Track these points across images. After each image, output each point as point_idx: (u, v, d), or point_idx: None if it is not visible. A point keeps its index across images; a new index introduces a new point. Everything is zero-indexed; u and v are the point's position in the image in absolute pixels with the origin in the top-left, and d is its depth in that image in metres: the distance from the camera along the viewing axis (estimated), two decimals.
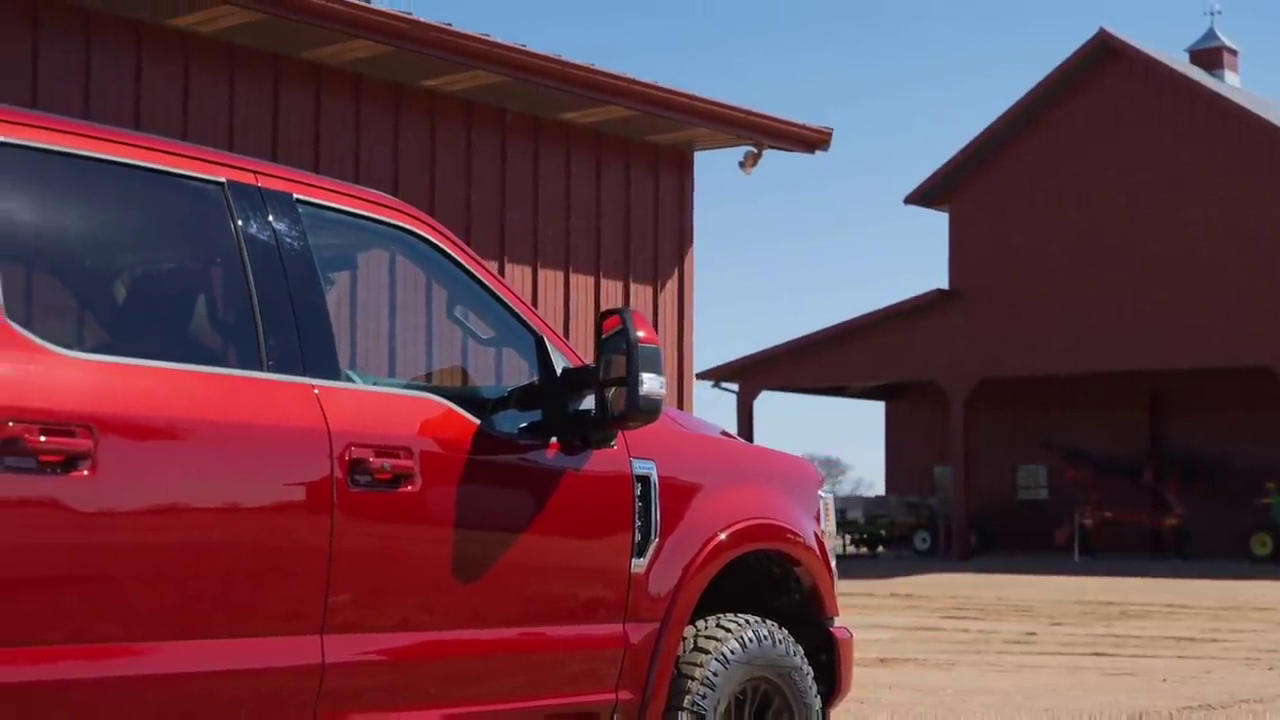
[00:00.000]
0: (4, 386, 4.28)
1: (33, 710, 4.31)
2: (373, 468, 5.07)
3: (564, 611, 5.79)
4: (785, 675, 6.60)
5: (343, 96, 11.88)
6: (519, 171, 13.01)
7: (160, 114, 10.94)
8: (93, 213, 5.01)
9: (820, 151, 14.36)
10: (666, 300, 13.99)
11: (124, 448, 4.49)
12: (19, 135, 4.62)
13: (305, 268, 5.18)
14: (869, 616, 24.81)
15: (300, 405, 4.95)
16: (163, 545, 4.60)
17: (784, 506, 6.78)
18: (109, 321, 5.25)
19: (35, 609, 4.33)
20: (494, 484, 5.54)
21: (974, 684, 14.79)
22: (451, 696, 5.41)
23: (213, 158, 5.12)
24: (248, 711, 4.80)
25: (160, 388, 4.65)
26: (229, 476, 4.76)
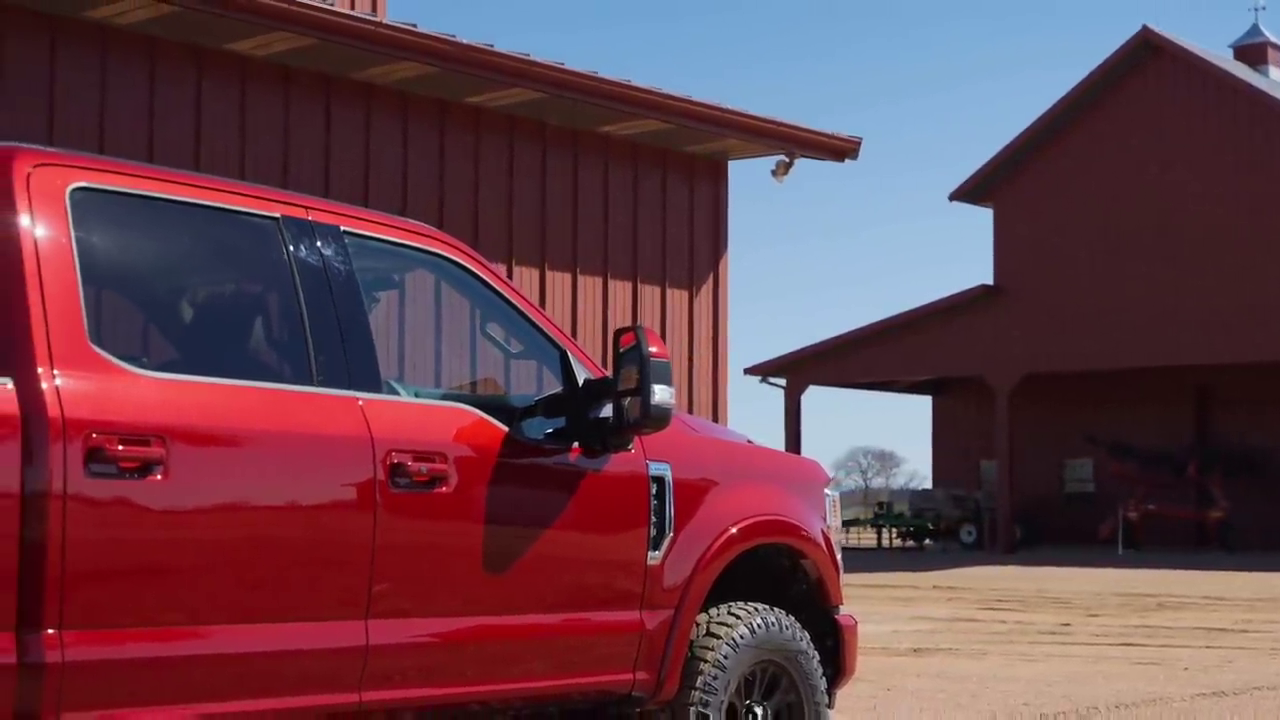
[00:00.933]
0: (87, 402, 4.92)
1: (116, 683, 4.95)
2: (411, 471, 5.69)
3: (585, 600, 6.41)
4: (792, 658, 7.20)
5: (390, 113, 12.53)
6: (559, 182, 13.64)
7: (218, 133, 11.61)
8: (164, 246, 5.67)
9: (850, 160, 14.94)
10: (702, 304, 14.59)
11: (192, 455, 5.13)
12: (102, 181, 5.28)
13: (351, 292, 5.81)
14: (910, 608, 25.31)
15: (346, 415, 5.58)
16: (226, 540, 5.24)
17: (791, 504, 7.38)
18: (178, 342, 5.89)
19: (117, 597, 4.97)
20: (521, 484, 6.16)
21: (1000, 673, 15.30)
22: (483, 676, 6.03)
23: (269, 195, 5.77)
24: (300, 688, 5.43)
25: (223, 401, 5.29)
26: (284, 479, 5.40)
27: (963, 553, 45.60)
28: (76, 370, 4.94)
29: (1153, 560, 39.12)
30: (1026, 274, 43.43)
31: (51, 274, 5.00)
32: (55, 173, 5.16)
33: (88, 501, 4.89)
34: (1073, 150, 43.35)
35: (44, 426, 4.80)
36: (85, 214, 5.17)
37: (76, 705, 4.86)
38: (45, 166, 5.15)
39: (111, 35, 11.00)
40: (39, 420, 4.80)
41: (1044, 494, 49.48)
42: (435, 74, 12.30)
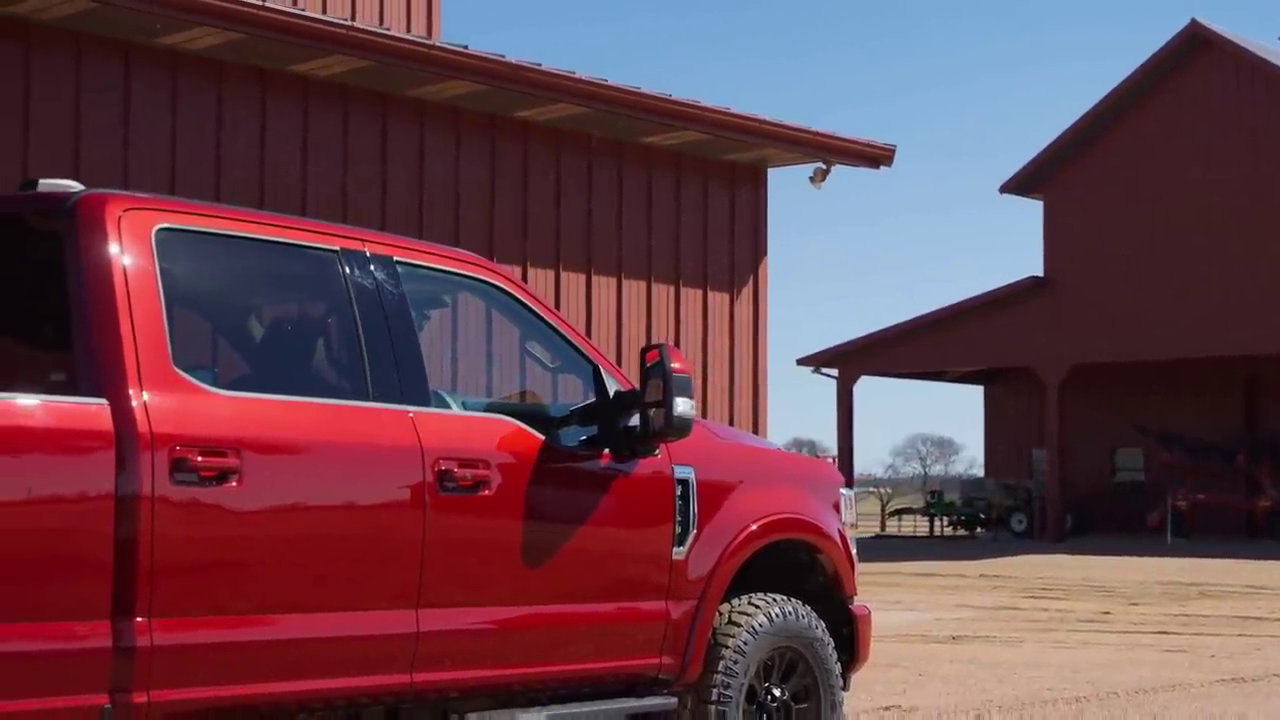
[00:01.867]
0: (171, 419, 5.62)
1: (197, 665, 5.65)
2: (457, 476, 6.38)
3: (615, 591, 7.08)
4: (808, 645, 7.85)
5: (443, 128, 13.23)
6: (604, 191, 14.31)
7: (281, 147, 12.33)
8: (237, 277, 6.38)
9: (885, 167, 15.54)
10: (742, 306, 15.24)
11: (262, 463, 5.83)
12: (183, 222, 5.99)
13: (403, 316, 6.50)
14: (955, 596, 25.81)
15: (399, 427, 6.28)
16: (292, 539, 5.94)
17: (808, 503, 8.03)
18: (249, 363, 6.59)
19: (198, 588, 5.67)
20: (556, 487, 6.84)
21: (1033, 660, 15.86)
22: (522, 659, 6.73)
23: (330, 230, 6.48)
24: (358, 670, 6.13)
25: (289, 416, 5.99)
26: (344, 485, 6.09)
27: (1013, 541, 46.03)
28: (161, 390, 5.64)
29: (1200, 550, 39.44)
30: (1076, 266, 43.84)
31: (139, 305, 5.69)
32: (143, 215, 5.87)
33: (172, 505, 5.59)
34: (1122, 143, 43.69)
35: (134, 441, 5.50)
36: (168, 251, 5.87)
37: (163, 684, 5.56)
38: (134, 210, 5.85)
39: (181, 60, 11.74)
40: (130, 435, 5.50)
41: (1094, 483, 49.85)
42: (485, 91, 12.99)
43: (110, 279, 5.68)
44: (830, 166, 15.35)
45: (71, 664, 5.36)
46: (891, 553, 40.89)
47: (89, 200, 5.80)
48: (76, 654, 5.36)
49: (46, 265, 5.80)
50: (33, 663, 5.25)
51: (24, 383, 5.62)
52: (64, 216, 5.78)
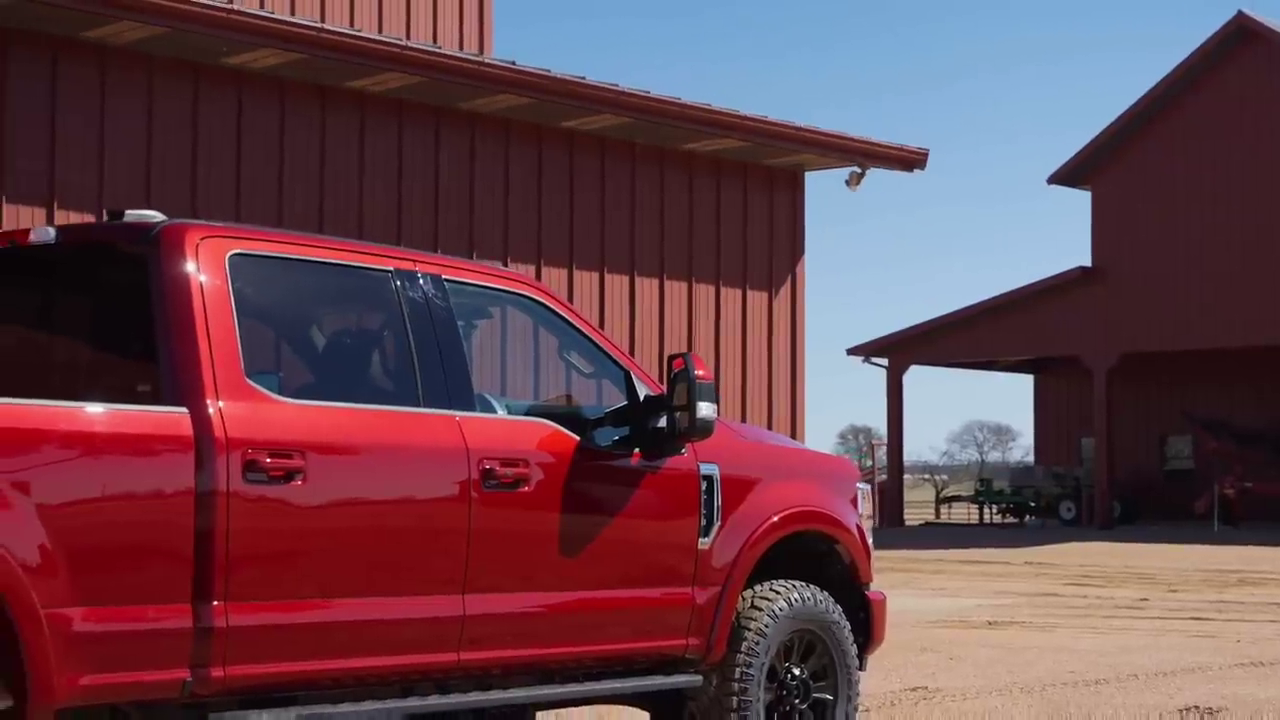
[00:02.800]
0: (243, 425, 6.32)
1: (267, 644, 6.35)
2: (499, 474, 7.06)
3: (644, 578, 7.75)
4: (826, 628, 8.51)
5: (493, 138, 13.94)
6: (647, 195, 14.98)
7: (340, 155, 13.05)
8: (301, 297, 7.09)
9: (918, 170, 16.14)
10: (781, 305, 15.88)
11: (325, 464, 6.53)
12: (253, 248, 6.70)
13: (450, 329, 7.19)
14: (998, 583, 26.31)
15: (447, 430, 6.97)
16: (350, 531, 6.64)
17: (826, 497, 8.68)
18: (312, 373, 7.29)
19: (268, 575, 6.37)
20: (590, 483, 7.51)
21: (1063, 645, 16.40)
22: (558, 640, 7.41)
23: (384, 252, 7.18)
24: (410, 648, 6.83)
25: (348, 421, 6.70)
26: (397, 483, 6.79)
27: (1061, 529, 46.42)
28: (235, 399, 6.34)
29: (1247, 537, 39.70)
30: (1124, 255, 44.22)
31: (215, 322, 6.40)
32: (218, 243, 6.57)
33: (245, 501, 6.29)
34: (1170, 134, 44.03)
35: (211, 445, 6.21)
36: (240, 274, 6.58)
37: (237, 661, 6.27)
38: (210, 238, 6.56)
39: (246, 79, 12.47)
40: (207, 440, 6.20)
41: (1144, 471, 50.18)
42: (533, 104, 13.68)
43: (189, 300, 6.38)
44: (865, 170, 15.96)
45: (158, 642, 6.07)
46: (940, 540, 41.39)
47: (170, 230, 6.51)
48: (162, 633, 6.07)
49: (133, 288, 6.50)
50: (126, 641, 5.97)
51: (114, 393, 6.34)
52: (148, 244, 6.48)
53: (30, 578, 5.70)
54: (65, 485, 5.91)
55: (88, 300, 7.02)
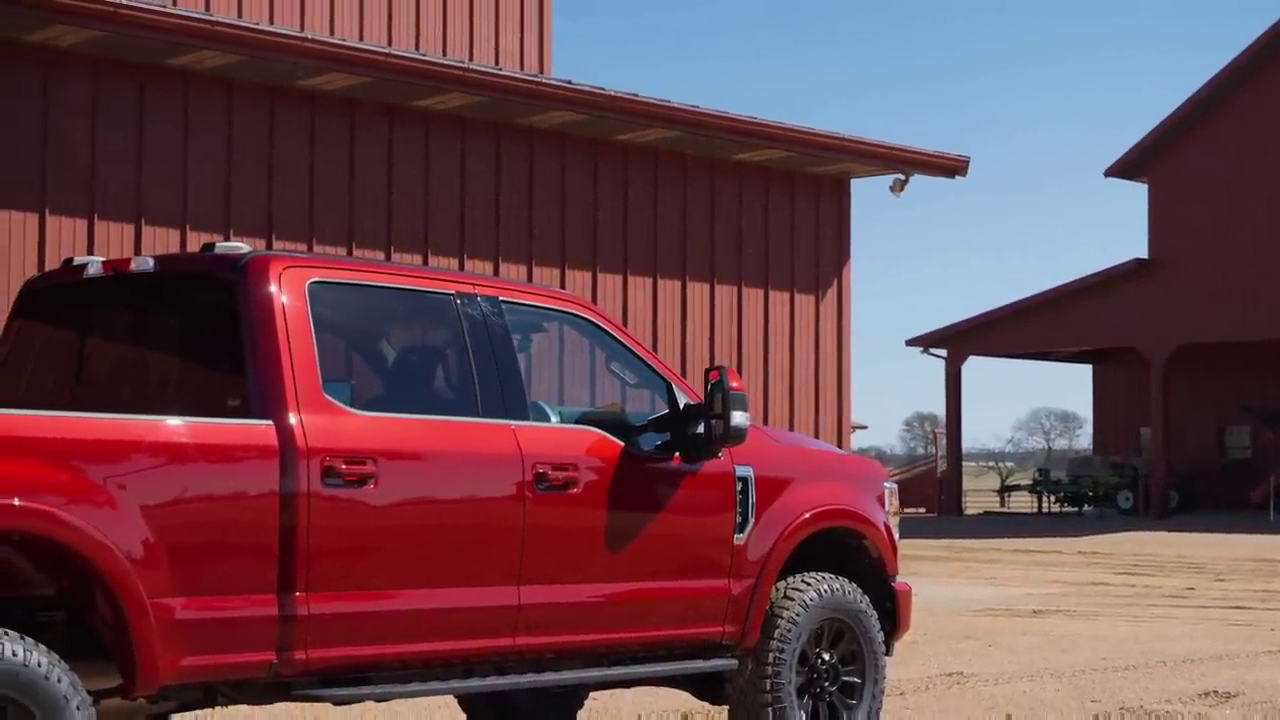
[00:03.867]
0: (321, 435, 7.09)
1: (343, 629, 7.13)
2: (551, 478, 7.82)
3: (684, 570, 8.49)
4: (853, 616, 9.23)
5: (550, 152, 14.71)
6: (697, 203, 15.71)
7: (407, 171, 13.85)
8: (372, 319, 7.87)
9: (960, 176, 16.81)
10: (827, 308, 16.59)
11: (394, 469, 7.30)
12: (330, 276, 7.48)
13: (506, 346, 7.95)
14: (1049, 573, 26.80)
15: (503, 438, 7.73)
16: (417, 530, 7.41)
17: (853, 496, 9.41)
18: (382, 387, 8.07)
19: (344, 569, 7.15)
20: (634, 485, 8.26)
21: (1101, 632, 16.99)
22: (606, 626, 8.17)
23: (446, 277, 7.95)
24: (470, 634, 7.60)
25: (415, 431, 7.47)
26: (459, 486, 7.56)
27: (1117, 519, 46.77)
28: (314, 412, 7.12)
29: None
30: (1181, 247, 44.57)
31: (296, 344, 7.18)
32: (299, 272, 7.35)
33: (323, 503, 7.07)
34: (1227, 126, 44.32)
35: (293, 453, 6.99)
36: (318, 300, 7.36)
37: (317, 645, 7.05)
38: (291, 268, 7.34)
39: (319, 100, 13.28)
40: (290, 449, 6.98)
41: (1202, 461, 50.46)
42: (588, 119, 14.44)
43: (274, 323, 7.16)
44: (909, 177, 16.65)
45: (248, 628, 6.85)
46: (996, 529, 41.89)
47: (257, 261, 7.29)
48: (252, 620, 6.85)
49: (223, 312, 7.28)
50: (220, 627, 6.76)
51: (206, 406, 7.12)
52: (237, 274, 7.26)
53: (137, 571, 6.48)
54: (166, 489, 6.68)
55: (183, 323, 7.82)
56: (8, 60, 11.76)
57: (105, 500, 6.46)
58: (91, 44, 11.87)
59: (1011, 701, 11.89)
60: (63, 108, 11.99)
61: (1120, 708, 11.59)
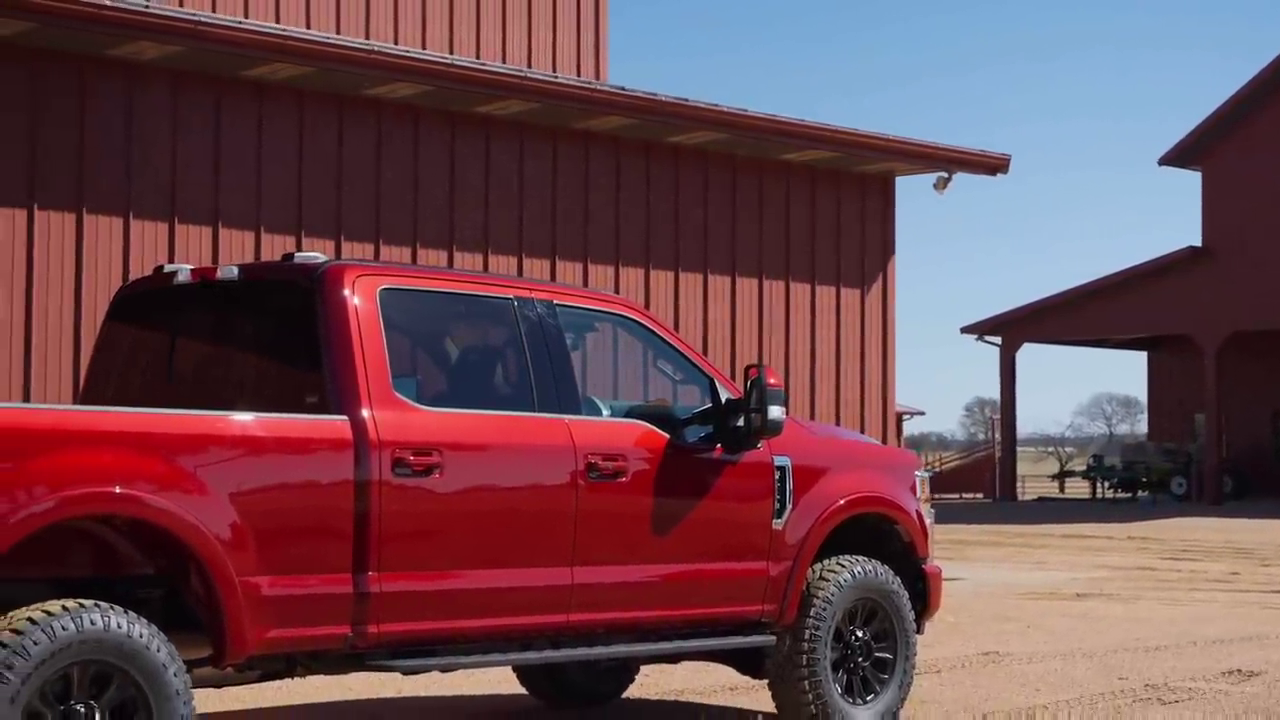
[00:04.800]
0: (391, 429, 7.78)
1: (411, 606, 7.82)
2: (601, 467, 8.50)
3: (726, 553, 9.15)
4: (885, 596, 9.88)
5: (605, 155, 15.40)
6: (746, 202, 16.37)
7: (469, 177, 14.56)
8: (437, 322, 8.56)
9: (1001, 174, 17.40)
10: (872, 302, 17.22)
11: (458, 460, 7.99)
12: (400, 283, 8.17)
13: (560, 346, 8.63)
14: (1097, 557, 27.22)
15: (557, 431, 8.41)
16: (479, 515, 8.10)
17: (886, 484, 10.05)
18: (447, 384, 8.76)
19: (411, 551, 7.84)
20: (679, 474, 8.92)
21: (1139, 615, 17.48)
22: (653, 604, 8.84)
23: (505, 283, 8.65)
24: (527, 610, 8.27)
25: (476, 424, 8.16)
26: (517, 475, 8.25)
27: (1171, 505, 47.04)
28: (384, 408, 7.81)
29: None
30: (1234, 235, 44.86)
31: (369, 346, 7.87)
32: (371, 280, 8.05)
33: (393, 491, 7.75)
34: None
35: (366, 446, 7.68)
36: (389, 305, 8.05)
37: (388, 620, 7.74)
38: (364, 276, 8.03)
39: (384, 108, 14.01)
40: (363, 442, 7.68)
41: (1257, 447, 50.69)
42: (641, 123, 15.12)
43: (348, 327, 7.85)
44: (952, 175, 17.26)
45: (326, 604, 7.54)
46: (1049, 515, 42.33)
47: (333, 269, 7.99)
48: (330, 597, 7.54)
49: (302, 317, 7.97)
50: (301, 603, 7.45)
51: (286, 402, 7.83)
52: (315, 282, 7.95)
53: (226, 552, 7.19)
54: (251, 478, 7.37)
55: (264, 326, 8.52)
56: (93, 74, 12.51)
57: (197, 488, 7.14)
58: (172, 58, 12.60)
59: (1042, 679, 12.49)
60: (145, 119, 12.73)
61: (1145, 684, 12.17)
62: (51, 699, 6.65)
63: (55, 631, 6.63)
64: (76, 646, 6.68)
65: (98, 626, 6.75)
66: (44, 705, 6.61)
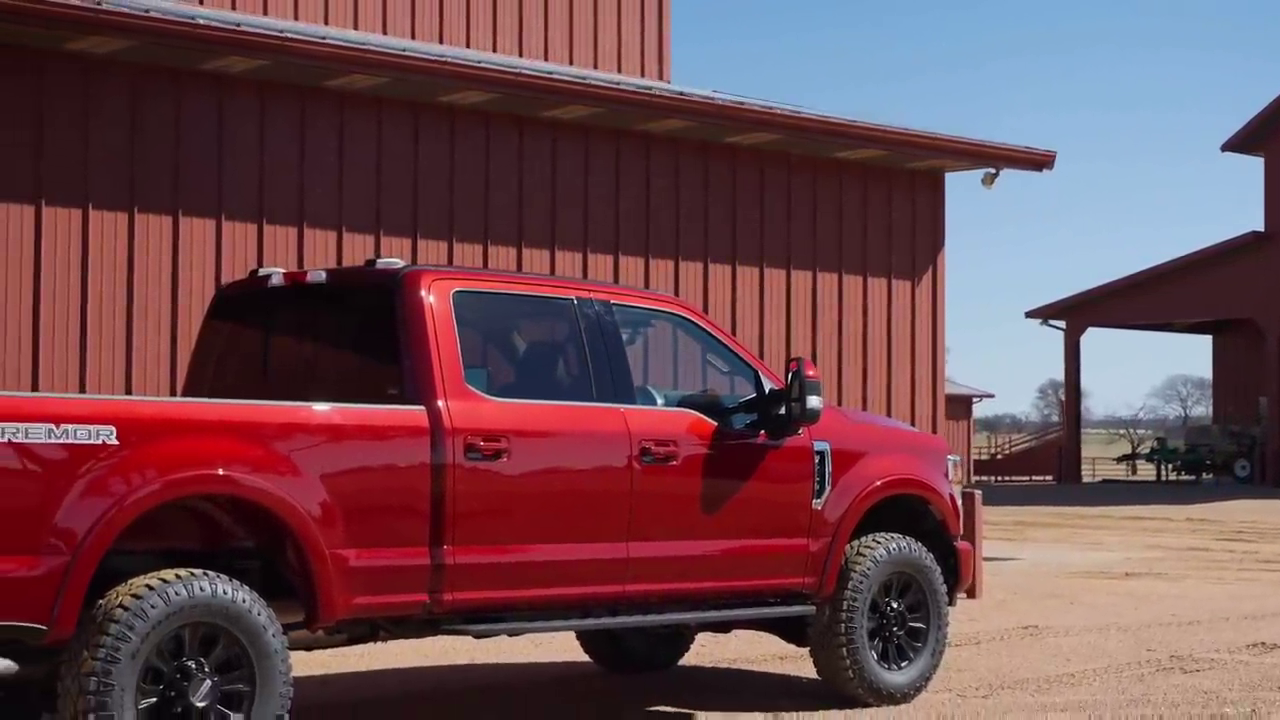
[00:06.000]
0: (464, 418, 8.64)
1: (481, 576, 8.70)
2: (654, 452, 9.35)
3: (769, 530, 9.99)
4: (919, 570, 10.71)
5: (665, 156, 16.24)
6: (800, 200, 17.18)
7: (535, 178, 15.46)
8: (505, 320, 9.45)
9: (1046, 170, 18.16)
10: (922, 293, 18.00)
11: (523, 445, 8.85)
12: (472, 286, 9.05)
13: (616, 342, 9.49)
14: (1153, 538, 27.76)
15: (613, 420, 9.28)
16: (543, 495, 8.96)
17: (920, 467, 10.87)
18: (513, 377, 9.64)
19: (481, 527, 8.71)
20: (726, 458, 9.76)
21: (1180, 592, 18.13)
22: (702, 577, 9.69)
23: (567, 285, 9.54)
24: (587, 581, 9.13)
25: (540, 414, 9.04)
26: (577, 459, 9.12)
27: (1234, 487, 47.41)
28: (457, 399, 8.69)
29: None
30: None
31: (443, 342, 8.74)
32: (445, 283, 8.93)
33: (465, 473, 8.62)
34: None
35: (441, 432, 8.56)
36: (461, 306, 8.92)
37: (461, 589, 8.60)
38: (439, 279, 8.91)
39: (456, 114, 14.90)
40: (438, 429, 8.55)
41: None
42: (699, 125, 15.97)
43: (425, 326, 8.73)
44: (999, 171, 18.02)
45: (406, 574, 8.41)
46: (1111, 497, 42.85)
47: (411, 274, 8.87)
48: (409, 568, 8.42)
49: (383, 317, 8.85)
50: (384, 573, 8.33)
51: (370, 394, 8.71)
52: (395, 285, 8.84)
53: (318, 527, 8.08)
54: (339, 461, 8.24)
55: (349, 325, 9.43)
56: (186, 87, 13.48)
57: (291, 471, 8.03)
58: (258, 70, 13.53)
59: (1074, 650, 13.26)
60: (234, 128, 13.69)
61: (1170, 655, 12.93)
62: (167, 655, 7.55)
63: (170, 597, 7.54)
64: (188, 610, 7.59)
65: (206, 593, 7.65)
66: (160, 661, 7.53)
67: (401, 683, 11.54)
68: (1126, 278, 49.11)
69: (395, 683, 11.52)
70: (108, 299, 13.08)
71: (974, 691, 11.13)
